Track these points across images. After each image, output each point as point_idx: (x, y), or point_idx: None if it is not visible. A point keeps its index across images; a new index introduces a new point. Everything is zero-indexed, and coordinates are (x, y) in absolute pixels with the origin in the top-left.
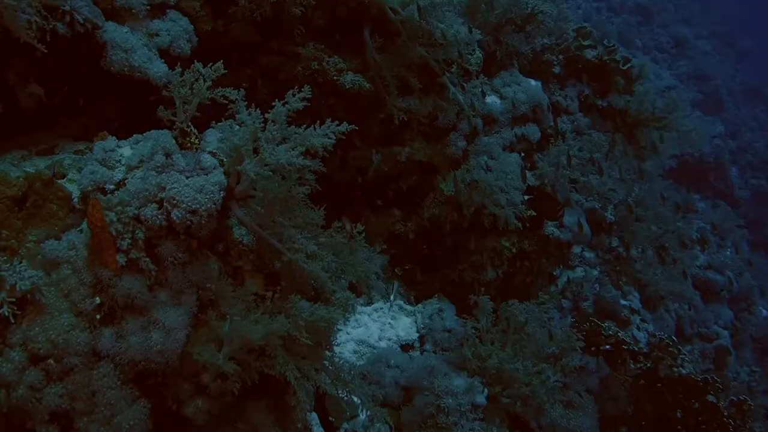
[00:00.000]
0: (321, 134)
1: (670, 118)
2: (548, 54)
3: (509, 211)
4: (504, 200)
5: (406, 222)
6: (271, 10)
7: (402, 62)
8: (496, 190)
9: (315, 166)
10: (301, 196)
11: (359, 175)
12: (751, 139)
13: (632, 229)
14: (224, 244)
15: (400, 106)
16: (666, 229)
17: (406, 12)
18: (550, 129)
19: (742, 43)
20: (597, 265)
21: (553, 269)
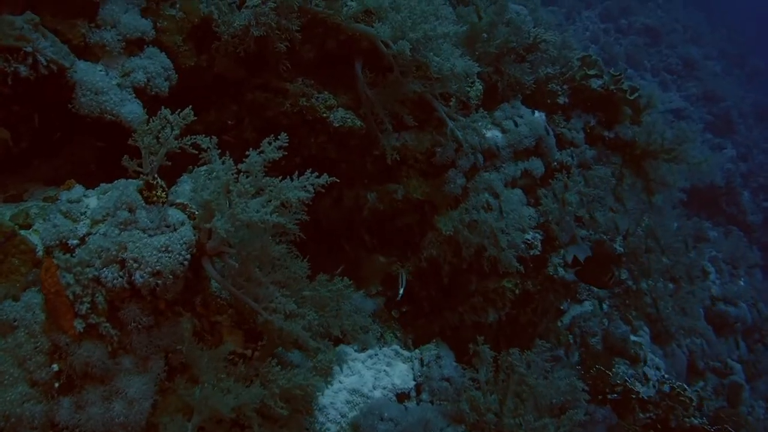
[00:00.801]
0: (298, 187)
1: (680, 149)
2: (552, 84)
3: (510, 254)
4: (505, 242)
5: (403, 263)
6: (255, 45)
7: (396, 97)
8: (496, 232)
9: (289, 225)
10: (283, 249)
11: (354, 214)
12: (763, 161)
13: (642, 261)
14: (202, 297)
15: (394, 144)
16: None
17: (397, 47)
18: (555, 162)
19: (753, 63)
20: (606, 299)
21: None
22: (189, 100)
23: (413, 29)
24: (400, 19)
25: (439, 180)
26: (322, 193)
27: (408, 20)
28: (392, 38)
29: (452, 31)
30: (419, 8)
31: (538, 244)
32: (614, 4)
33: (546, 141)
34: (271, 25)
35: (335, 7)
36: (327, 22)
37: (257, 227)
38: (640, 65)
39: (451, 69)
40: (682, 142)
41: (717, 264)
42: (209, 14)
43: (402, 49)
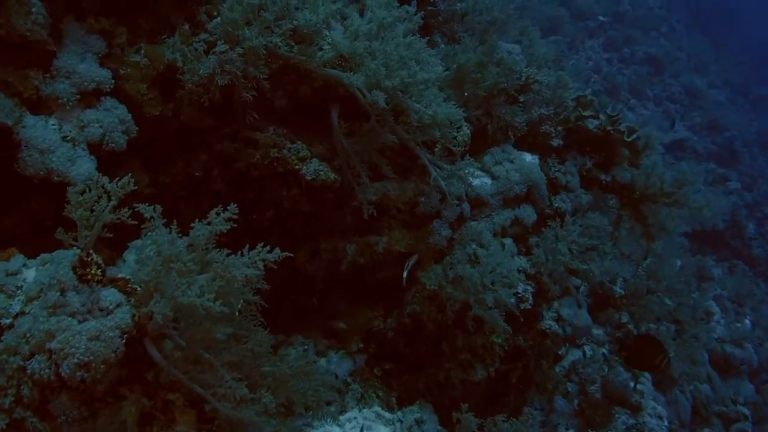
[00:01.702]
0: (246, 264)
1: (681, 193)
2: (546, 125)
3: (496, 314)
4: (491, 299)
5: (385, 318)
6: (220, 94)
7: (374, 147)
8: (482, 289)
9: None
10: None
11: (332, 267)
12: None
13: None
14: (154, 373)
15: (371, 198)
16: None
17: (371, 96)
18: (548, 209)
19: (757, 92)
20: (605, 344)
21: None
22: (154, 150)
23: (389, 77)
24: (373, 67)
25: (423, 231)
26: (298, 245)
27: (382, 68)
28: (367, 86)
29: (434, 77)
30: (396, 54)
31: (529, 297)
32: (618, 34)
33: (538, 187)
34: (236, 74)
35: (308, 53)
36: (300, 69)
37: (197, 312)
38: (643, 95)
39: (433, 117)
40: (682, 185)
41: (722, 303)
42: (173, 61)
43: (375, 99)
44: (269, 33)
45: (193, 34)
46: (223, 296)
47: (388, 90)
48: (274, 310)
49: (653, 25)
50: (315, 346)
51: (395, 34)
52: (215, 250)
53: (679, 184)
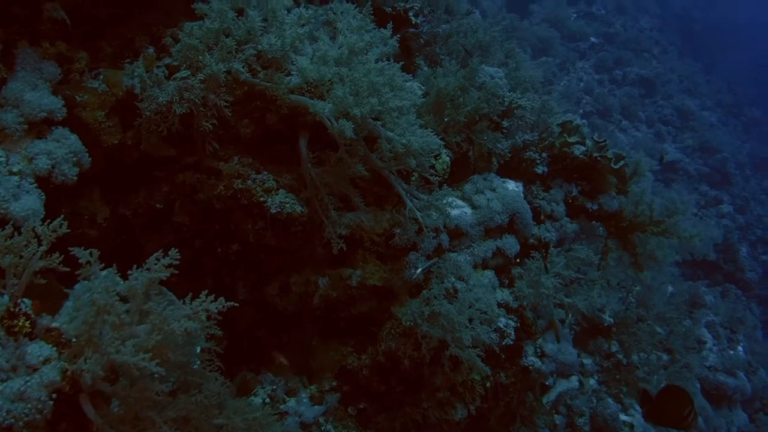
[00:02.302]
0: (186, 316)
1: (670, 222)
2: (530, 152)
3: (473, 354)
4: (469, 338)
5: (359, 355)
6: (179, 123)
7: (344, 177)
8: (459, 327)
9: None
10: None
11: (303, 301)
12: (761, 213)
13: (633, 332)
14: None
15: (341, 232)
16: (671, 330)
17: (338, 126)
18: (532, 239)
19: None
20: (594, 374)
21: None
22: (115, 181)
23: (358, 104)
24: (341, 95)
25: (399, 264)
26: (267, 279)
27: (349, 96)
28: (335, 114)
29: (408, 104)
30: (366, 80)
31: (511, 332)
32: (609, 55)
33: (521, 216)
34: (195, 101)
35: (275, 79)
36: (266, 95)
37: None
38: (635, 116)
39: (406, 146)
40: (672, 213)
41: (714, 330)
42: (131, 87)
43: (342, 129)
44: (231, 58)
45: (158, 58)
46: (162, 352)
47: (357, 118)
48: (244, 346)
49: (645, 47)
50: (286, 384)
51: (366, 60)
52: (160, 297)
53: (669, 212)
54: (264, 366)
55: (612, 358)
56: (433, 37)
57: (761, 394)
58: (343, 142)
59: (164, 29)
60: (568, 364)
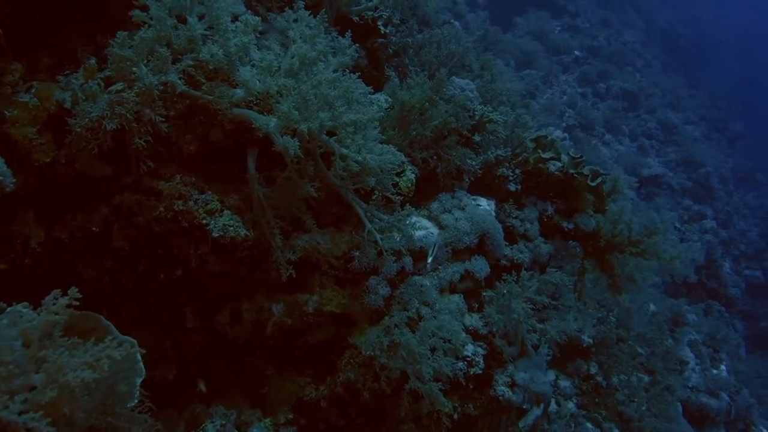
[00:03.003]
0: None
1: (650, 242)
2: (503, 168)
3: (434, 388)
4: (429, 371)
5: (317, 385)
6: (112, 140)
7: (295, 197)
8: (419, 359)
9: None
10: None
11: (256, 330)
12: (744, 228)
13: (613, 353)
14: None
15: (291, 257)
16: (653, 350)
17: (283, 142)
18: (504, 260)
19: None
20: (573, 397)
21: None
22: (50, 202)
23: (308, 119)
24: (285, 110)
25: (359, 289)
26: (217, 305)
27: (294, 111)
28: (282, 130)
29: (365, 118)
30: (316, 93)
31: (480, 360)
32: (593, 68)
33: (492, 236)
34: (126, 117)
35: (218, 92)
36: (210, 109)
37: None
38: (618, 130)
39: (362, 164)
40: (652, 233)
41: (696, 349)
42: (62, 101)
43: (286, 146)
44: (168, 69)
45: (100, 69)
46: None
47: (304, 134)
48: (193, 377)
49: (629, 60)
50: (238, 417)
51: (318, 71)
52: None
53: (648, 232)
54: (217, 398)
55: (591, 380)
56: (402, 47)
57: (744, 414)
58: (291, 160)
59: (110, 39)
60: (541, 394)
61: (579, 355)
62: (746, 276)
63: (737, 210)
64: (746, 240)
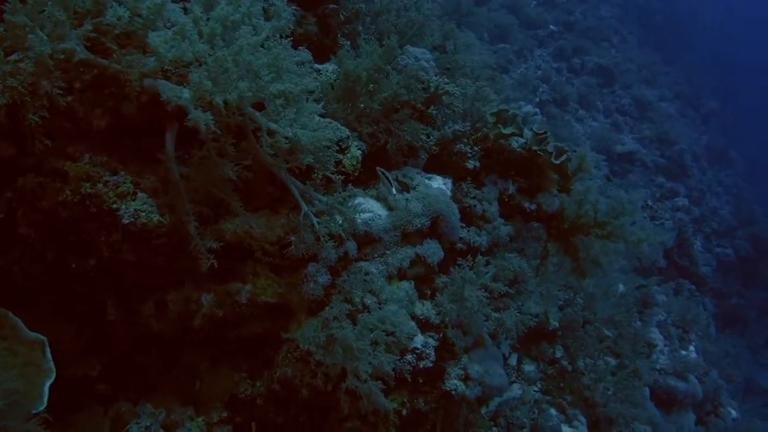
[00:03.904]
0: None
1: (616, 224)
2: (461, 144)
3: (374, 387)
4: (368, 370)
5: (254, 381)
6: (5, 116)
7: (220, 176)
8: (358, 355)
9: None
10: None
11: (184, 322)
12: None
13: (579, 335)
14: None
15: (210, 245)
16: (620, 332)
17: (193, 116)
18: (460, 243)
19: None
20: (537, 381)
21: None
22: None
23: (226, 90)
24: (196, 79)
25: (297, 277)
26: (140, 296)
27: (206, 80)
28: (197, 102)
29: (297, 89)
30: (236, 60)
31: (430, 352)
32: (568, 43)
33: (446, 218)
34: (18, 90)
35: (128, 61)
36: (120, 80)
37: None
38: (592, 106)
39: (292, 141)
40: (619, 214)
41: (665, 330)
42: None
43: (196, 120)
44: (67, 35)
45: None
46: None
47: (221, 108)
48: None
49: (604, 36)
50: (167, 415)
51: (239, 35)
52: None
53: (615, 213)
54: (145, 395)
55: (556, 364)
56: (355, 14)
57: (712, 396)
58: (208, 137)
59: None
60: (497, 387)
61: (544, 338)
62: (717, 254)
63: (710, 188)
64: (718, 218)
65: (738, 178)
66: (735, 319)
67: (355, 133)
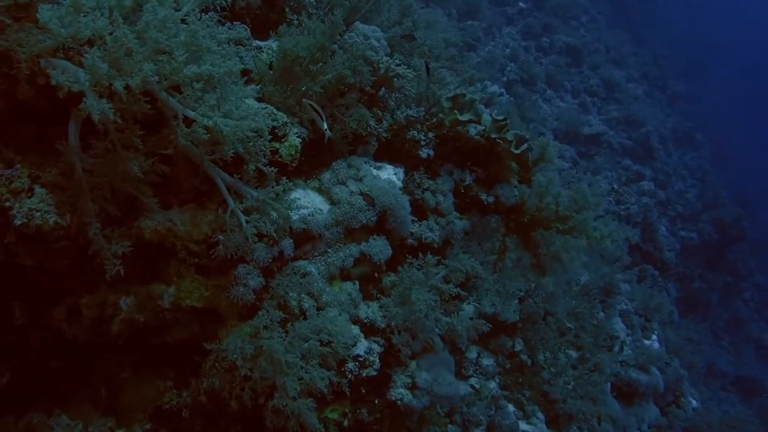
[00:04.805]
0: None
1: (579, 218)
2: (414, 131)
3: (302, 407)
4: (296, 388)
5: (180, 391)
6: None
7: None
8: (287, 370)
9: None
10: None
11: (101, 328)
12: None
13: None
14: None
15: (116, 251)
16: (581, 325)
17: (87, 104)
18: (411, 239)
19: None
20: (495, 375)
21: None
22: None
23: (128, 73)
24: (89, 62)
25: (226, 279)
26: (53, 299)
27: (101, 64)
28: (96, 87)
29: (219, 72)
30: (142, 39)
31: (374, 360)
32: (537, 21)
33: (395, 212)
34: None
35: (18, 39)
36: (12, 59)
37: None
38: (560, 86)
39: (213, 130)
40: (581, 208)
41: (628, 319)
42: None
43: (89, 109)
44: None
45: None
46: None
47: (121, 94)
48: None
49: (574, 15)
50: (85, 428)
51: (146, 10)
52: None
53: (578, 207)
54: (60, 405)
55: (516, 357)
56: None
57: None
58: (111, 127)
59: None
60: (446, 396)
61: (503, 331)
62: (682, 237)
63: (676, 170)
64: (683, 201)
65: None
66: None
67: (296, 118)
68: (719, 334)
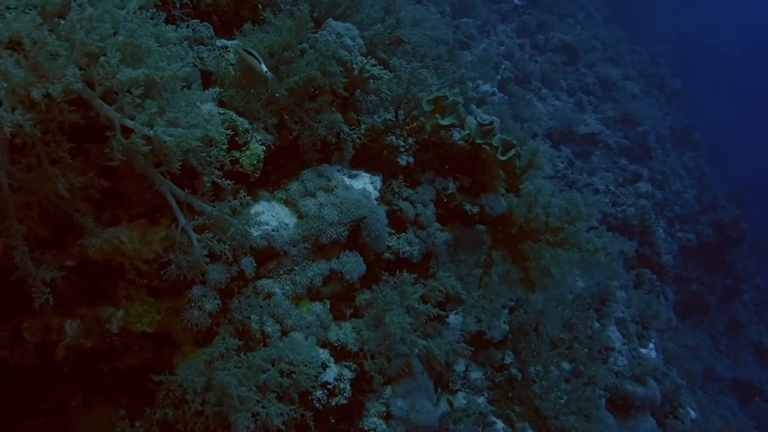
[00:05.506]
0: None
1: (571, 230)
2: (392, 136)
3: None
4: (249, 426)
5: (133, 421)
6: None
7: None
8: (240, 405)
9: None
10: None
11: (45, 354)
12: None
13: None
14: None
15: (43, 276)
16: (575, 335)
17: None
18: (388, 252)
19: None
20: (484, 390)
21: None
22: None
23: (50, 79)
24: (2, 68)
25: (180, 302)
26: None
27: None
28: (13, 96)
29: (164, 76)
30: (69, 41)
31: (345, 386)
32: (532, 19)
33: (370, 225)
34: None
35: None
36: None
37: None
38: (555, 84)
39: (154, 141)
40: (574, 219)
41: (624, 327)
42: None
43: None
44: None
45: None
46: None
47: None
48: None
49: (570, 12)
50: None
51: (73, 8)
52: None
53: (569, 217)
54: None
55: (505, 371)
56: None
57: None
58: (34, 140)
59: None
60: (423, 426)
61: (492, 343)
62: (679, 239)
63: (673, 170)
64: (681, 201)
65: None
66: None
67: (260, 124)
68: (718, 337)
